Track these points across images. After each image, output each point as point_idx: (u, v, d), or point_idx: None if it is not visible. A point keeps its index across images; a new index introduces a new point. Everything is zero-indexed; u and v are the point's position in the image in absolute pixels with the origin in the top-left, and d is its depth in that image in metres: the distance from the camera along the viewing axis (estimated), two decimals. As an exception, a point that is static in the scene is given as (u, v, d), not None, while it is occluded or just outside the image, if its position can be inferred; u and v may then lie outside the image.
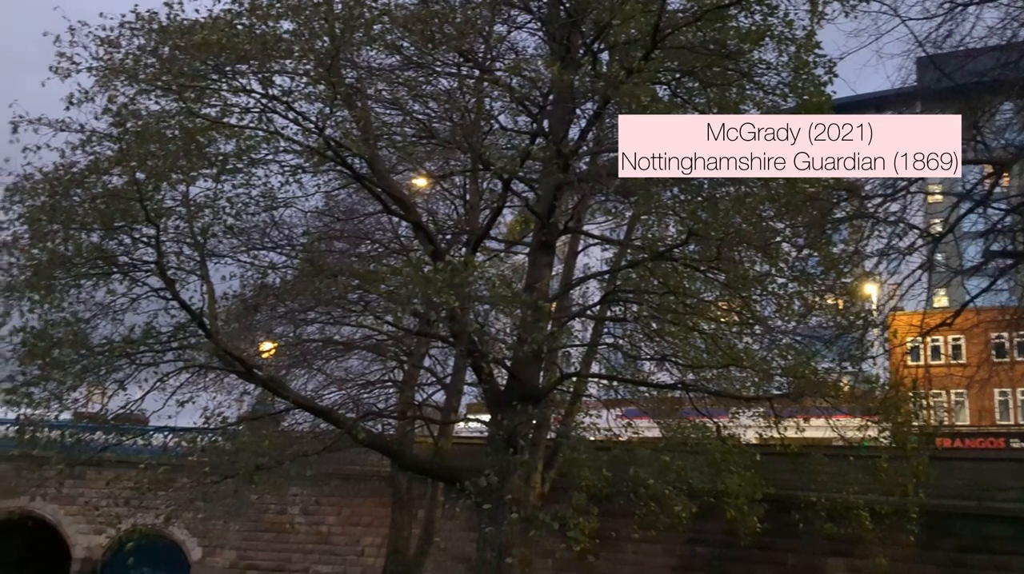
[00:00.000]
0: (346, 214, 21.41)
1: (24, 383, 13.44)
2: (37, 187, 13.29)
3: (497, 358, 14.22)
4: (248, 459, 14.38)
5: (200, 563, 32.14)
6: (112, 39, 12.91)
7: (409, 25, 13.00)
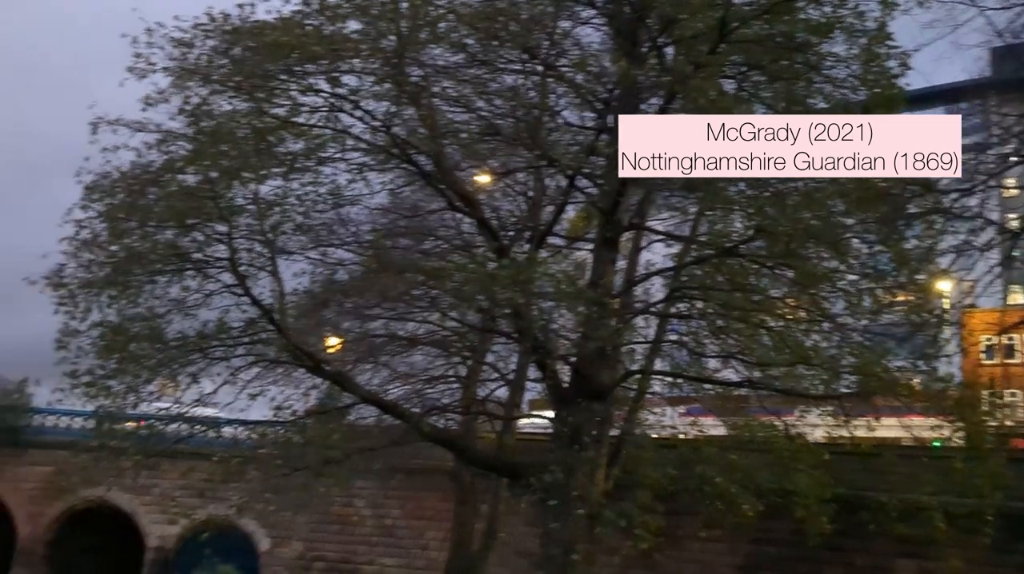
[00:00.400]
0: (410, 211, 21.62)
1: (102, 376, 13.88)
2: (115, 186, 13.71)
3: (562, 355, 14.22)
4: (317, 452, 14.62)
5: (269, 554, 32.79)
6: (186, 40, 13.27)
7: (474, 23, 13.07)
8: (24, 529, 36.65)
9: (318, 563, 32.36)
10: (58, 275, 13.54)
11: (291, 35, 12.43)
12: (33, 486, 36.75)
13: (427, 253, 19.96)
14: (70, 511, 35.52)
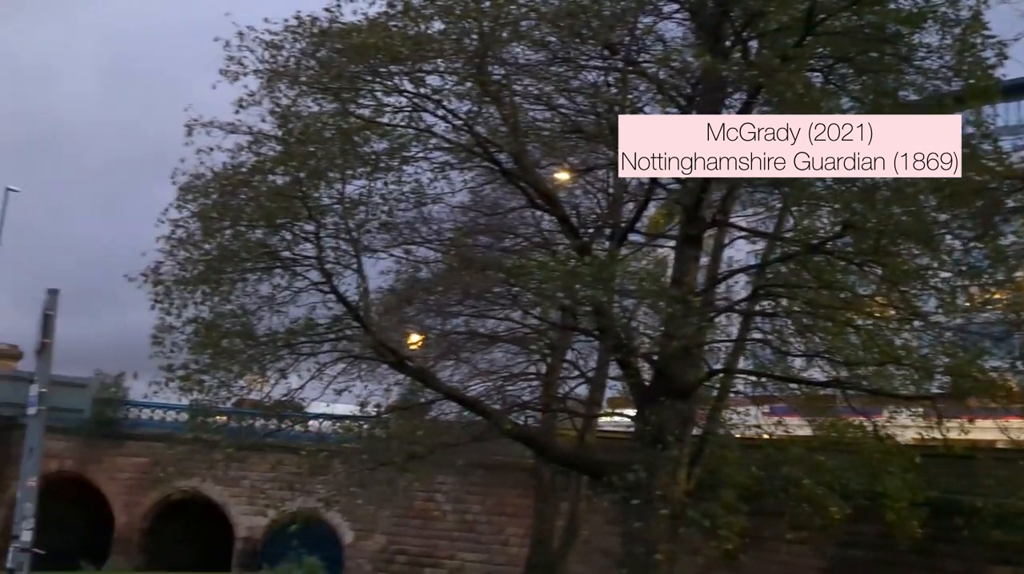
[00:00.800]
0: (491, 209, 21.78)
1: (196, 371, 14.35)
2: (208, 186, 14.17)
3: (644, 353, 14.14)
4: (401, 447, 14.84)
5: (352, 546, 33.44)
6: (276, 43, 13.61)
7: (556, 20, 13.09)
8: (121, 518, 38.11)
9: (400, 556, 32.85)
10: (155, 272, 14.03)
11: (376, 36, 12.65)
12: (129, 476, 38.19)
13: (507, 251, 20.08)
14: (164, 501, 36.78)
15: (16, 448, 38.76)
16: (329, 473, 16.21)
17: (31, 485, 8.99)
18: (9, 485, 39.04)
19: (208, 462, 16.05)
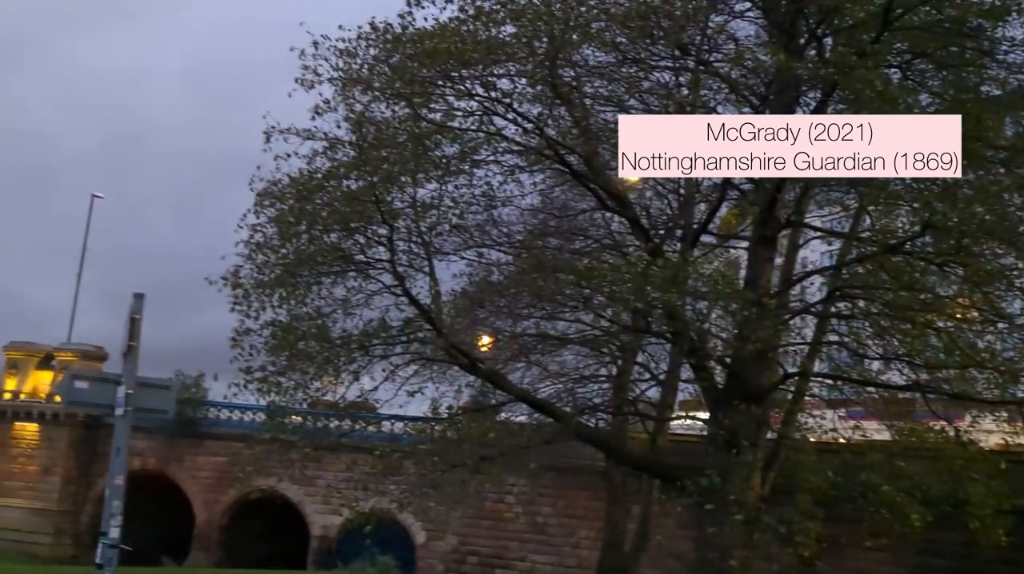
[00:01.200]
0: (561, 211, 21.77)
1: (274, 373, 14.66)
2: (285, 192, 14.46)
3: (718, 356, 13.98)
4: (473, 449, 14.93)
5: (424, 546, 33.74)
6: (350, 50, 13.84)
7: (627, 21, 13.04)
8: (201, 515, 39.13)
9: (471, 557, 33.03)
10: (235, 276, 14.37)
11: (448, 41, 12.77)
12: (208, 475, 39.19)
13: (577, 252, 20.04)
14: (243, 499, 37.64)
15: (101, 446, 40.28)
16: (402, 474, 16.38)
17: (119, 483, 9.29)
18: (96, 482, 40.49)
19: (285, 462, 16.35)
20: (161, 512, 36.99)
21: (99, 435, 40.59)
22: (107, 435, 38.67)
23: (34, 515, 40.23)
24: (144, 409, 9.77)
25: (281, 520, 37.77)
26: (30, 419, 41.63)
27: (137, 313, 9.37)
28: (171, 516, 38.83)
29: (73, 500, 40.82)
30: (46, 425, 41.21)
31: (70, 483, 40.80)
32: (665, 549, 23.62)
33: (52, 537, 39.72)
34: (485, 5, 13.19)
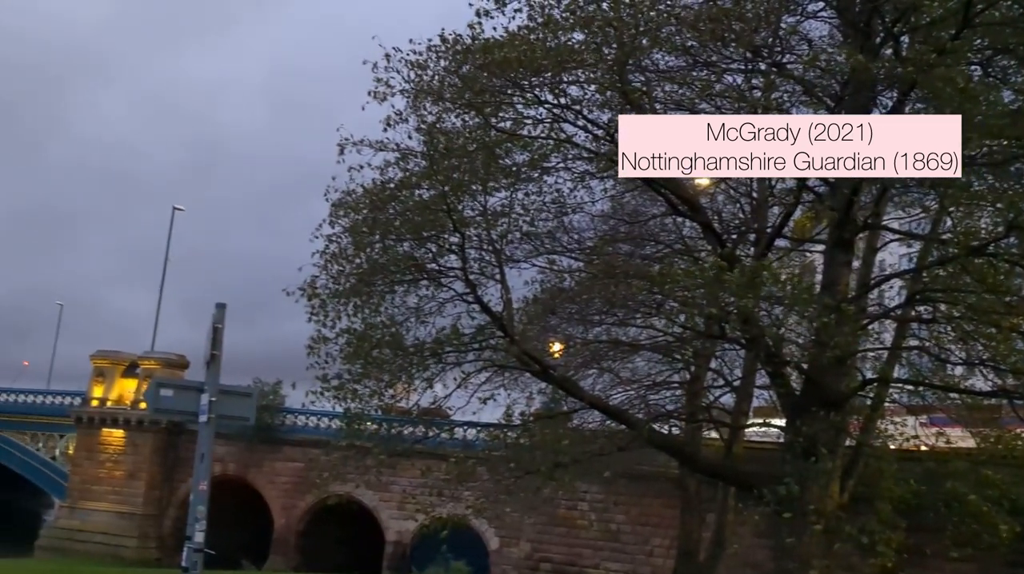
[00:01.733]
0: (631, 216, 21.66)
1: (350, 380, 14.91)
2: (359, 202, 14.73)
3: (795, 362, 13.75)
4: (546, 456, 14.96)
5: (498, 553, 33.83)
6: (421, 62, 14.03)
7: (697, 25, 12.95)
8: (279, 520, 39.90)
9: (544, 564, 32.97)
10: (311, 286, 14.68)
11: (517, 50, 12.85)
12: (287, 480, 39.96)
13: (648, 258, 19.93)
14: (319, 505, 38.24)
15: (183, 452, 41.44)
16: (476, 480, 16.48)
17: (203, 489, 9.56)
18: (178, 486, 41.65)
19: (361, 468, 16.61)
20: (241, 517, 37.82)
21: (181, 441, 41.75)
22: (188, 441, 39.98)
23: (120, 519, 41.51)
24: (226, 416, 10.05)
25: (357, 525, 38.30)
26: (116, 425, 43.01)
27: (219, 322, 9.64)
28: (250, 521, 39.67)
29: (157, 504, 42.02)
30: (131, 431, 42.53)
31: (154, 488, 42.02)
32: (741, 558, 23.26)
33: (138, 540, 40.93)
34: (554, 13, 13.23)
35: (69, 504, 43.49)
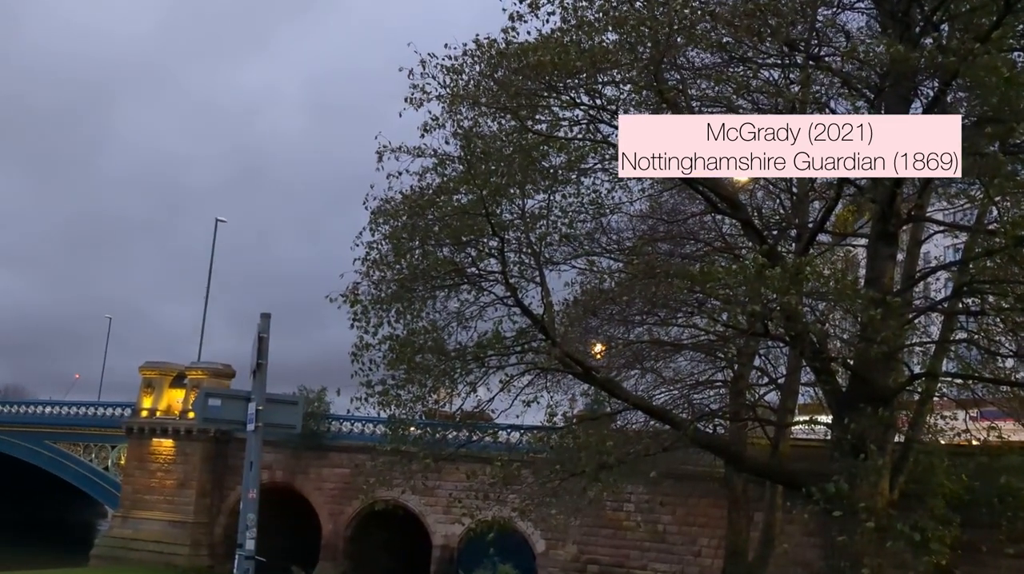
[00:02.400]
0: (670, 215, 21.57)
1: (393, 386, 15.01)
2: (398, 209, 14.83)
3: (840, 358, 13.58)
4: (592, 457, 14.93)
5: (544, 555, 33.79)
6: (456, 67, 14.09)
7: (732, 21, 12.86)
8: (327, 526, 40.22)
9: (592, 566, 32.89)
10: (353, 293, 14.80)
11: (552, 53, 12.86)
12: (333, 486, 40.27)
13: (688, 257, 19.82)
14: (366, 510, 38.52)
15: (232, 460, 41.95)
16: (521, 483, 16.50)
17: (252, 497, 9.68)
18: (227, 494, 42.19)
19: (407, 473, 16.70)
20: (289, 523, 38.18)
21: (229, 449, 42.28)
22: (236, 449, 40.31)
23: (172, 527, 42.13)
24: (273, 424, 10.17)
25: (404, 530, 38.49)
26: (166, 435, 43.67)
27: (264, 332, 9.77)
28: (298, 527, 40.05)
29: (207, 512, 42.57)
30: (180, 441, 43.15)
31: (204, 496, 42.58)
32: (791, 557, 23.03)
33: (190, 548, 41.49)
34: (587, 15, 13.23)
35: (122, 513, 44.23)
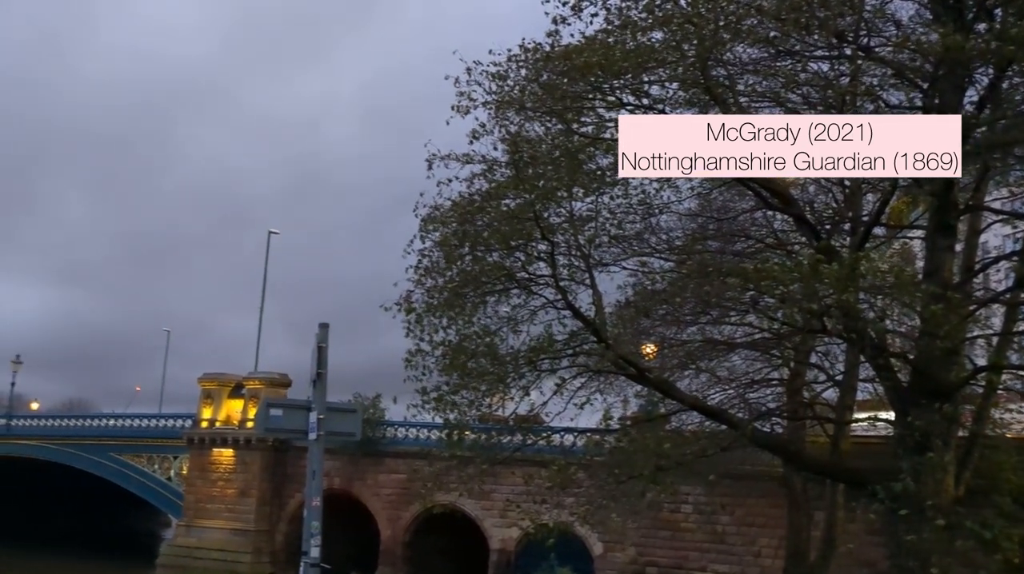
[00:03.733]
0: (720, 213, 21.34)
1: (448, 392, 15.09)
2: (447, 216, 14.91)
3: (902, 353, 13.33)
4: (649, 459, 14.85)
5: (602, 558, 33.64)
6: (501, 73, 14.14)
7: (779, 14, 12.71)
8: (385, 531, 40.53)
9: (650, 569, 32.66)
10: (407, 300, 14.92)
11: (597, 55, 12.84)
12: (391, 492, 40.57)
13: (739, 254, 19.60)
14: (424, 515, 38.72)
15: (290, 468, 42.50)
16: (578, 486, 16.46)
17: (316, 505, 9.80)
18: (287, 502, 42.76)
19: (464, 477, 16.78)
20: (348, 529, 38.54)
21: (288, 458, 42.85)
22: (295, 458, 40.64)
23: (235, 535, 42.79)
24: (334, 432, 10.29)
25: (461, 535, 38.62)
26: (226, 445, 44.40)
27: (323, 342, 9.89)
28: (357, 533, 40.39)
29: (268, 520, 43.17)
30: (240, 450, 43.84)
31: (264, 504, 43.18)
32: (854, 557, 22.64)
33: (251, 555, 42.11)
34: (632, 15, 13.18)
35: (185, 522, 45.07)
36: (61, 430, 52.35)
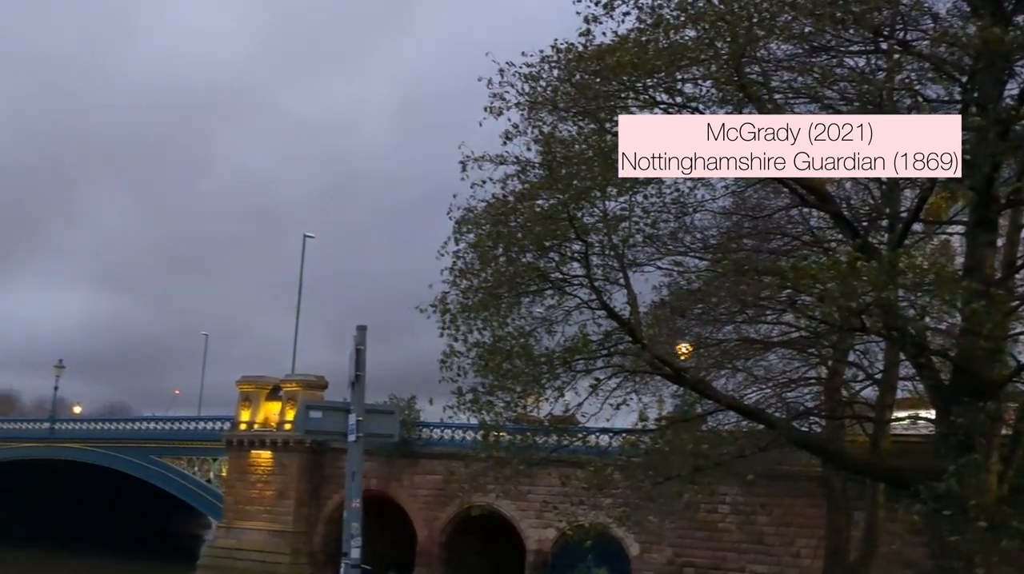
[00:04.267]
0: (755, 211, 21.16)
1: (484, 393, 15.13)
2: (480, 217, 14.95)
3: (943, 351, 13.13)
4: (686, 460, 14.77)
5: (639, 559, 33.56)
6: (534, 74, 14.16)
7: (814, 10, 12.59)
8: (422, 532, 40.73)
9: (688, 569, 32.54)
10: (442, 302, 14.98)
11: (630, 53, 12.80)
12: (427, 493, 40.77)
13: (775, 252, 19.42)
14: (460, 516, 38.87)
15: (327, 469, 42.85)
16: (615, 487, 16.41)
17: (356, 506, 9.88)
18: (325, 503, 43.12)
19: (500, 478, 16.81)
20: (385, 530, 38.76)
21: (325, 459, 43.21)
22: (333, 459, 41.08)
23: (273, 536, 43.24)
24: (372, 434, 10.37)
25: (497, 536, 38.69)
26: (264, 447, 44.86)
27: (361, 344, 9.97)
28: (394, 534, 40.60)
29: (306, 521, 43.56)
30: (278, 452, 44.27)
31: (302, 505, 43.57)
32: (895, 557, 22.36)
33: (290, 556, 42.52)
34: (664, 13, 13.13)
35: (225, 524, 45.61)
36: (103, 433, 53.21)
